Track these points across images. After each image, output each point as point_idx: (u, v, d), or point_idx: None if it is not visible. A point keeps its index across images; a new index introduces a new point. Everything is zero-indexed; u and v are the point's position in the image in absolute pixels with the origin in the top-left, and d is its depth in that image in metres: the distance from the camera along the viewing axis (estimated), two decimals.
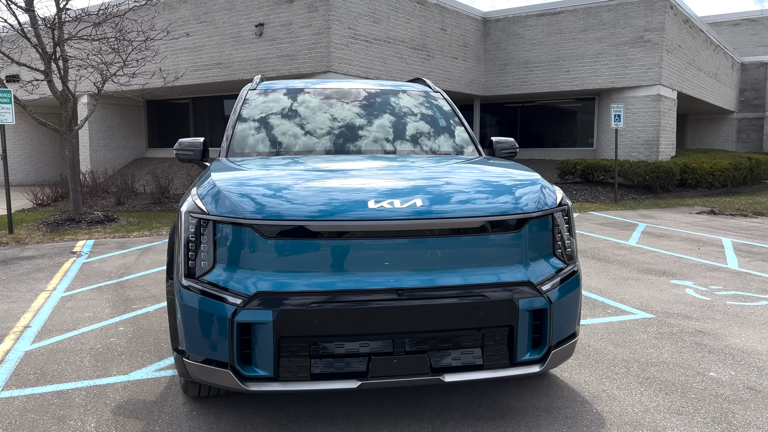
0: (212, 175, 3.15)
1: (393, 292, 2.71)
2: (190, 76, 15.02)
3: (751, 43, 30.01)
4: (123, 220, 11.02)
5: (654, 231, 9.76)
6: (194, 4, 14.99)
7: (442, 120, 4.50)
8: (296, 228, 2.72)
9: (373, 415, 3.16)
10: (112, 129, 18.39)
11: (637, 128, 16.59)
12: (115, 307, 5.34)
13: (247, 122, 4.23)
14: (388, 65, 14.84)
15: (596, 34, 16.74)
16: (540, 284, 2.88)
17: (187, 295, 2.79)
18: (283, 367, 2.68)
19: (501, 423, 3.09)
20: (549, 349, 2.90)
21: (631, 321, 4.86)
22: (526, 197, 3.03)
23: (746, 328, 4.68)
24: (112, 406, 3.32)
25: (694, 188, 16.00)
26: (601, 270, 6.79)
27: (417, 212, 2.77)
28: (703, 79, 20.25)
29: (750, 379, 3.65)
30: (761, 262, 7.22)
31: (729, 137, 26.47)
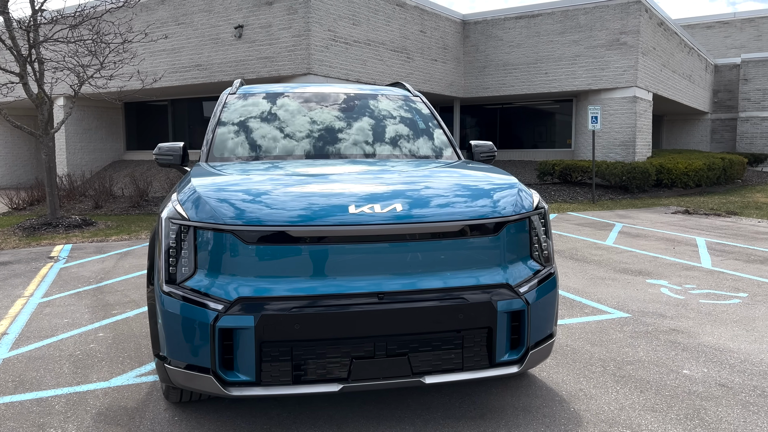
0: (192, 181, 3.16)
1: (374, 296, 2.74)
2: (168, 78, 14.91)
3: (724, 45, 30.60)
4: (101, 224, 10.90)
5: (630, 231, 9.93)
6: (172, 6, 14.88)
7: (421, 124, 4.54)
8: (277, 233, 2.74)
9: (355, 418, 3.19)
10: (89, 131, 18.17)
11: (614, 129, 16.84)
12: (94, 313, 5.30)
13: (226, 127, 4.23)
14: (369, 67, 14.88)
15: (573, 37, 16.96)
16: (518, 286, 2.94)
17: (168, 301, 2.79)
18: (265, 371, 2.70)
19: (481, 423, 3.14)
20: (527, 350, 2.95)
21: (608, 320, 4.95)
22: (503, 201, 3.09)
23: (719, 326, 4.80)
24: (93, 413, 3.31)
25: (670, 188, 16.29)
26: (579, 270, 6.89)
27: (397, 217, 2.81)
28: (678, 80, 20.61)
29: (722, 376, 3.75)
30: (734, 261, 7.39)
31: (703, 138, 26.95)
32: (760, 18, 29.95)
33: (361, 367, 2.74)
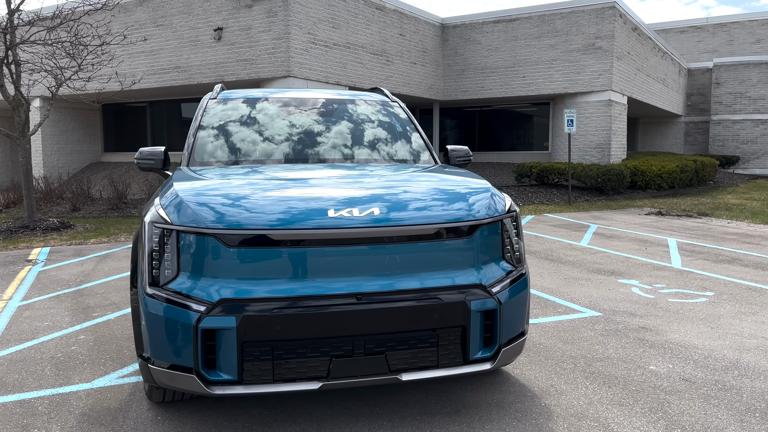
0: (174, 185, 3.24)
1: (352, 297, 2.85)
2: (147, 79, 14.85)
3: (697, 49, 31.26)
4: (80, 226, 10.84)
5: (605, 232, 10.16)
6: (151, 8, 14.83)
7: (399, 129, 4.65)
8: (257, 236, 2.83)
9: (334, 415, 3.29)
10: (66, 133, 18.00)
11: (590, 132, 17.15)
12: (74, 316, 5.33)
13: (207, 131, 4.30)
14: (348, 70, 14.98)
15: (550, 41, 17.24)
16: (490, 286, 3.07)
17: (151, 303, 2.87)
18: (247, 370, 2.79)
19: (456, 418, 3.26)
20: (499, 348, 3.08)
21: (580, 319, 5.12)
22: (477, 205, 3.21)
23: (685, 323, 4.99)
24: (76, 413, 3.37)
25: (644, 190, 16.63)
26: (554, 270, 7.07)
27: (374, 220, 2.92)
28: (652, 84, 21.03)
29: (686, 372, 3.92)
30: (702, 261, 7.63)
31: (677, 140, 27.51)
32: (732, 23, 30.66)
33: (340, 365, 2.85)
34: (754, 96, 25.97)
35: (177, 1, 14.45)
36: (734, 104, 26.30)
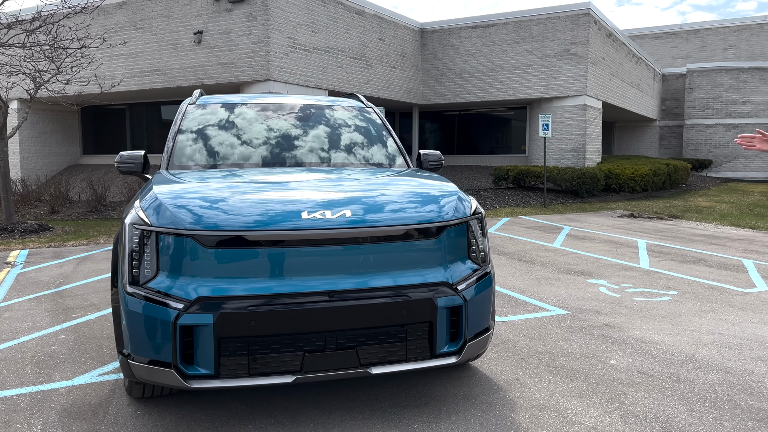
0: (154, 188, 3.37)
1: (324, 295, 3.00)
2: (126, 82, 14.86)
3: (672, 55, 31.93)
4: (58, 229, 10.84)
5: (577, 234, 10.42)
6: (130, 10, 14.84)
7: (373, 134, 4.82)
8: (234, 237, 2.98)
9: (308, 408, 3.44)
10: (44, 135, 17.89)
11: (566, 136, 17.50)
12: (54, 316, 5.41)
13: (186, 135, 4.42)
14: (328, 74, 15.12)
15: (527, 47, 17.56)
16: (456, 284, 3.24)
17: (131, 302, 2.99)
18: (224, 365, 2.93)
19: (424, 410, 3.43)
20: (465, 342, 3.26)
21: (548, 317, 5.32)
22: (444, 207, 3.39)
23: (647, 321, 5.22)
24: (58, 409, 3.47)
25: (618, 192, 17.01)
26: (526, 271, 7.28)
27: (346, 222, 3.08)
28: (627, 89, 21.48)
29: (644, 365, 4.14)
30: (669, 262, 7.90)
31: (652, 144, 28.07)
32: (705, 30, 31.38)
33: (313, 360, 3.00)
34: (725, 101, 26.62)
35: (157, 5, 14.49)
36: (707, 109, 26.92)
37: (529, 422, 3.28)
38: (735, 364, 4.15)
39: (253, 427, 3.23)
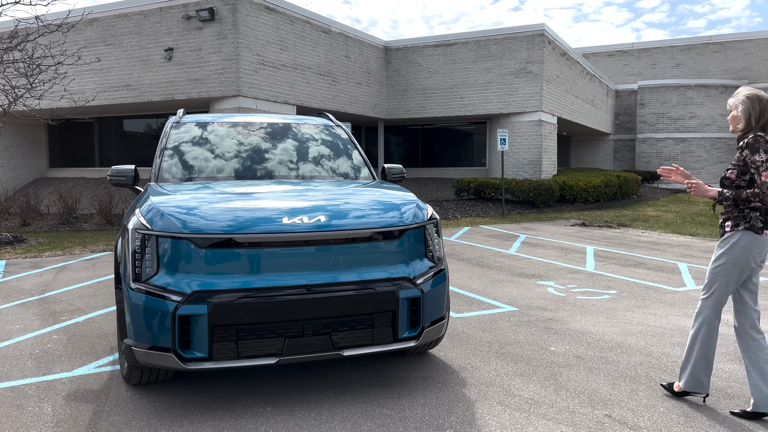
0: (152, 198, 3.86)
1: (302, 288, 3.53)
2: (97, 97, 15.11)
3: (624, 72, 33.46)
4: (32, 240, 11.07)
5: (532, 241, 11.15)
6: (101, 27, 15.14)
7: (342, 150, 5.39)
8: (225, 240, 3.50)
9: (287, 389, 3.96)
10: (10, 148, 17.93)
11: (523, 150, 18.38)
12: (44, 319, 5.78)
13: (173, 152, 4.91)
14: (296, 90, 15.66)
15: (485, 65, 18.43)
16: (415, 279, 3.81)
17: (135, 296, 3.48)
18: (216, 349, 3.43)
19: (389, 389, 3.98)
20: (422, 329, 3.82)
21: (499, 313, 5.94)
22: (405, 213, 3.97)
23: (586, 315, 5.88)
24: (63, 394, 3.91)
25: (572, 203, 17.93)
26: (482, 274, 7.92)
27: (320, 225, 3.63)
28: (581, 105, 22.57)
29: (579, 351, 4.77)
30: (613, 265, 8.65)
31: (607, 156, 29.35)
32: (655, 48, 33.00)
33: (293, 344, 3.52)
34: (674, 116, 28.07)
35: (128, 21, 14.83)
36: (657, 124, 28.33)
37: (477, 395, 3.87)
38: (656, 349, 4.82)
39: (240, 404, 3.73)
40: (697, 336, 3.68)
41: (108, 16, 15.05)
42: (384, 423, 3.46)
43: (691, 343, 3.71)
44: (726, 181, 3.60)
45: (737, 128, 3.58)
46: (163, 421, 3.50)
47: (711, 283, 3.63)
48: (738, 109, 3.55)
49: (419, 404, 3.72)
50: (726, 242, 3.57)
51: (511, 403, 3.74)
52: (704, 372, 3.67)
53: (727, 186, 3.58)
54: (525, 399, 3.81)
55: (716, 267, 3.60)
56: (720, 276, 3.58)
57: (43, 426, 3.45)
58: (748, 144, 3.44)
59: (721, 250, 3.59)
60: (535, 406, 3.71)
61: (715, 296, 3.61)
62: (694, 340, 3.69)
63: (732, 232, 3.55)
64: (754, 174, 3.43)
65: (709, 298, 3.64)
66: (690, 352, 3.71)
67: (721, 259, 3.58)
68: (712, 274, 3.63)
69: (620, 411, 3.63)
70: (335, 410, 3.64)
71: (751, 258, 3.52)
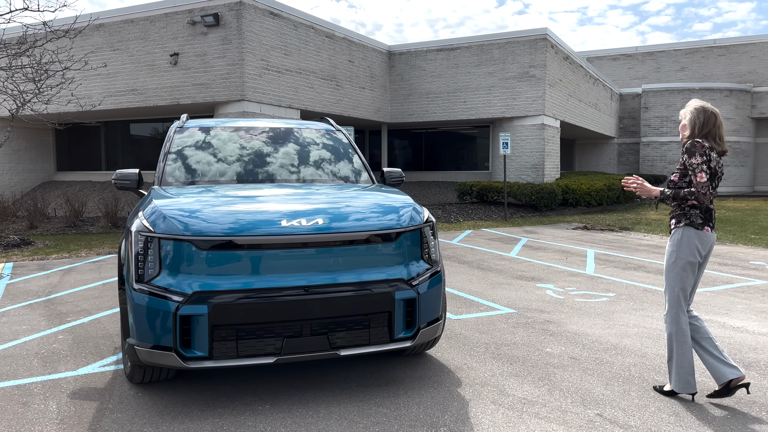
0: (155, 201, 3.97)
1: (300, 289, 3.63)
2: (104, 102, 15.28)
3: (629, 75, 33.48)
4: (39, 243, 11.21)
5: (533, 244, 11.21)
6: (108, 32, 15.33)
7: (341, 154, 5.48)
8: (225, 242, 3.59)
9: (286, 389, 4.05)
10: (18, 152, 18.13)
11: (526, 153, 18.45)
12: (50, 320, 5.90)
13: (176, 156, 5.02)
14: (300, 94, 15.79)
15: (488, 69, 18.53)
16: (411, 280, 3.90)
17: (137, 296, 3.58)
18: (216, 348, 3.53)
19: (385, 388, 4.06)
20: (418, 329, 3.91)
21: (497, 315, 6.02)
22: (401, 216, 4.06)
23: (584, 317, 5.95)
24: (68, 392, 4.01)
25: (575, 206, 17.98)
26: (482, 277, 7.99)
27: (318, 228, 3.73)
28: (584, 108, 22.62)
29: (574, 352, 4.84)
30: (613, 268, 8.71)
31: (611, 160, 29.35)
32: (659, 52, 33.02)
33: (291, 343, 3.61)
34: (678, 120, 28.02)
35: (134, 27, 15.01)
36: (661, 127, 28.33)
37: (471, 395, 3.95)
38: (651, 350, 4.89)
39: (240, 403, 3.82)
40: (672, 337, 3.85)
41: (115, 22, 15.23)
42: (379, 421, 3.55)
43: (669, 345, 3.88)
44: (670, 184, 3.91)
45: (684, 135, 3.89)
46: (164, 419, 3.59)
47: (668, 281, 3.86)
48: (686, 118, 3.88)
49: (414, 403, 3.81)
50: (672, 239, 3.87)
51: (504, 403, 3.82)
52: (688, 371, 3.80)
53: (671, 188, 3.88)
54: (519, 398, 3.89)
55: (669, 265, 3.86)
56: (674, 272, 3.82)
57: (48, 423, 3.55)
58: (687, 149, 3.76)
59: (671, 248, 3.86)
60: (528, 405, 3.79)
61: (675, 293, 3.83)
62: (670, 342, 3.87)
63: (675, 228, 3.86)
64: (691, 175, 3.73)
65: (671, 296, 3.85)
66: (670, 354, 3.87)
67: (672, 257, 3.85)
68: (666, 273, 3.88)
69: (612, 410, 3.70)
70: (332, 408, 3.72)
71: (696, 251, 3.79)
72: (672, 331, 3.84)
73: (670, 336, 3.85)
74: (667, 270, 3.86)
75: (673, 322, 3.83)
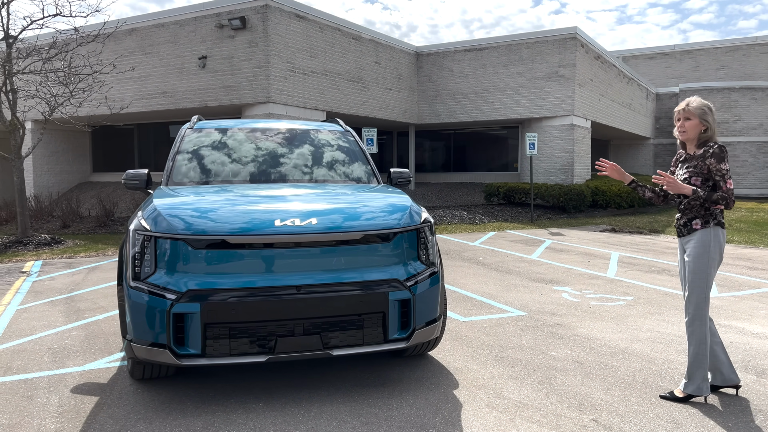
0: (154, 201, 4.04)
1: (293, 288, 3.64)
2: (135, 104, 15.67)
3: (666, 75, 32.66)
4: (70, 242, 11.56)
5: (557, 247, 11.03)
6: (140, 36, 15.71)
7: (348, 154, 5.49)
8: (218, 241, 3.63)
9: (283, 387, 4.07)
10: (56, 154, 18.72)
11: (555, 154, 18.17)
12: (67, 317, 6.07)
13: (183, 156, 5.11)
14: (326, 96, 15.89)
15: (517, 69, 18.32)
16: (406, 281, 3.87)
17: (134, 294, 3.65)
18: (209, 346, 3.57)
19: (381, 389, 4.05)
20: (413, 330, 3.88)
21: (507, 317, 5.94)
22: (397, 217, 4.03)
23: (596, 321, 5.82)
24: (71, 387, 4.12)
25: (605, 208, 17.62)
26: (499, 279, 7.90)
27: (312, 228, 3.73)
28: (617, 108, 22.16)
29: (580, 356, 4.74)
30: (635, 272, 8.50)
31: (647, 161, 28.67)
32: (698, 50, 32.12)
33: (283, 342, 3.63)
34: (718, 120, 27.20)
35: (164, 31, 15.34)
36: None
37: (466, 397, 3.90)
38: (660, 356, 4.75)
39: (234, 401, 3.86)
40: (702, 338, 3.76)
41: (146, 26, 15.60)
42: (369, 422, 3.53)
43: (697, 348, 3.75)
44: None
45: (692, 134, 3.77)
46: (159, 414, 3.65)
47: (698, 282, 3.73)
48: (695, 115, 3.75)
49: (407, 404, 3.78)
50: (698, 240, 3.74)
51: (499, 406, 3.76)
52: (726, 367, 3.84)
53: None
54: (514, 402, 3.83)
55: (700, 266, 3.72)
56: (706, 273, 3.72)
57: (47, 416, 3.65)
58: (716, 153, 3.67)
59: (700, 249, 3.73)
60: (523, 409, 3.72)
61: (705, 294, 3.73)
62: (700, 344, 3.75)
63: (703, 229, 3.74)
64: (719, 180, 3.68)
65: (700, 297, 3.73)
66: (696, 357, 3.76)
67: (703, 257, 3.72)
68: (697, 274, 3.73)
69: (608, 416, 3.61)
70: (324, 408, 3.73)
71: (722, 250, 3.76)
72: (703, 333, 3.73)
73: (700, 338, 3.73)
74: (698, 271, 3.71)
75: (702, 323, 3.73)
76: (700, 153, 3.74)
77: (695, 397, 3.79)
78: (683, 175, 3.83)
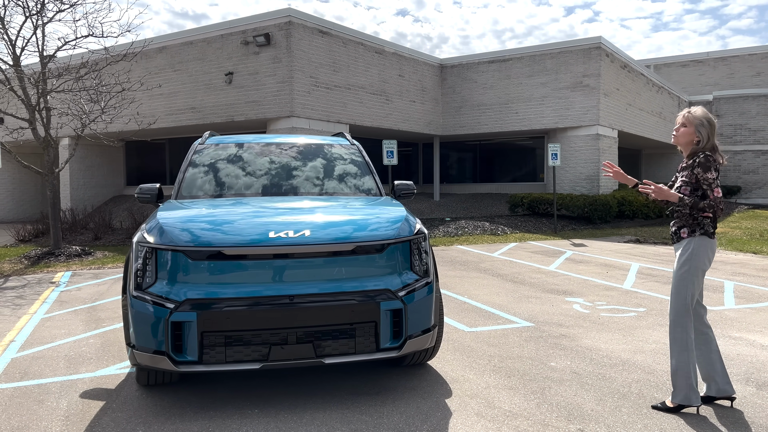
0: (158, 214, 4.24)
1: (286, 298, 3.77)
2: (165, 119, 16.17)
3: (699, 82, 32.03)
4: (99, 253, 11.97)
5: (577, 258, 10.94)
6: (169, 54, 16.22)
7: (351, 167, 5.62)
8: (216, 253, 3.79)
9: (280, 395, 4.19)
10: (91, 168, 19.39)
11: (580, 164, 18.00)
12: (87, 325, 6.32)
13: (193, 170, 5.32)
14: (349, 109, 16.12)
15: (541, 79, 18.26)
16: (398, 291, 3.96)
17: (135, 303, 3.83)
18: (206, 353, 3.72)
19: (376, 398, 4.14)
20: (405, 339, 3.96)
21: (513, 328, 5.96)
22: (390, 228, 4.14)
23: (602, 332, 5.79)
24: (81, 392, 4.32)
25: (632, 219, 17.35)
26: (512, 290, 7.91)
27: (305, 240, 3.86)
28: (646, 117, 21.84)
29: (579, 367, 4.74)
30: (653, 283, 8.39)
31: None
32: (732, 57, 31.44)
33: (277, 351, 3.76)
34: (754, 127, 26.57)
35: (193, 48, 15.82)
36: (735, 135, 26.92)
37: (458, 406, 3.96)
38: (661, 367, 4.72)
39: (232, 407, 4.00)
40: (681, 344, 3.78)
41: (176, 44, 16.11)
42: (358, 429, 3.63)
43: (678, 355, 3.78)
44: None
45: (685, 142, 3.85)
46: (158, 419, 3.81)
47: (680, 289, 3.80)
48: (692, 125, 3.82)
49: (398, 412, 3.86)
50: (685, 248, 3.81)
51: (488, 415, 3.81)
52: (695, 381, 3.76)
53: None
54: (504, 411, 3.87)
55: (683, 273, 3.80)
56: (688, 280, 3.78)
57: (55, 419, 3.85)
58: (701, 163, 3.74)
59: (685, 257, 3.80)
60: (511, 418, 3.76)
61: (686, 301, 3.79)
62: (679, 350, 3.78)
63: (689, 238, 3.81)
64: (707, 189, 3.75)
65: (680, 304, 3.79)
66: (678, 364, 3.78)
67: (686, 265, 3.79)
68: (679, 281, 3.81)
69: (595, 426, 3.62)
70: (317, 415, 3.84)
71: (707, 259, 3.80)
72: (684, 340, 3.76)
73: (681, 345, 3.76)
74: (680, 278, 3.79)
75: (683, 330, 3.77)
76: (690, 162, 3.81)
77: (687, 407, 3.78)
78: (678, 182, 3.91)
